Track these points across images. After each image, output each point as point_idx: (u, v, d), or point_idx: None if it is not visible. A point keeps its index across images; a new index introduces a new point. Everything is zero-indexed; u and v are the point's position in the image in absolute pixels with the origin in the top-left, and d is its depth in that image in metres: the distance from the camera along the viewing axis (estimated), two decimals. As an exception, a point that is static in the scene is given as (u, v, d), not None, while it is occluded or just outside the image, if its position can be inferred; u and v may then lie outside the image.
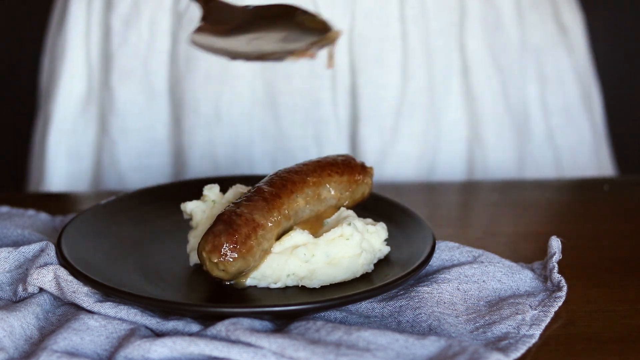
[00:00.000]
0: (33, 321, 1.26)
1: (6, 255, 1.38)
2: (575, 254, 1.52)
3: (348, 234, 1.38)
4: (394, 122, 1.98)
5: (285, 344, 1.17)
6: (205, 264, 1.32)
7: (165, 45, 2.00)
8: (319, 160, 1.47)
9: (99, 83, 2.07)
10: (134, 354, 1.18)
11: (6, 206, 1.67)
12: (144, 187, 1.62)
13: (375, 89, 1.95)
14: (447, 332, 1.24)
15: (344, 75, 1.96)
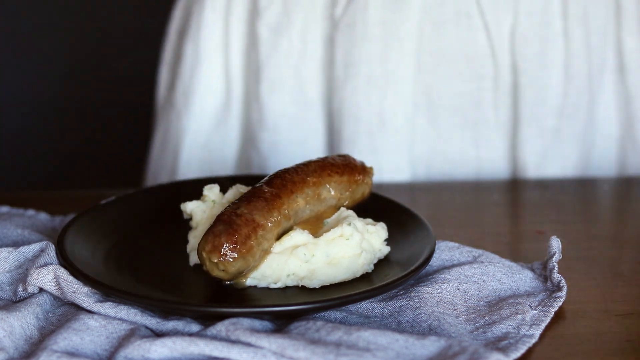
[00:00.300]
0: (33, 321, 1.26)
1: (6, 255, 1.38)
2: (575, 254, 1.52)
3: (348, 234, 1.38)
4: (556, 124, 1.95)
5: (285, 344, 1.17)
6: (205, 264, 1.32)
7: (319, 52, 1.95)
8: (318, 160, 1.47)
9: (243, 94, 2.02)
10: (134, 354, 1.18)
11: (6, 206, 1.67)
12: (144, 187, 1.62)
13: (538, 89, 1.92)
14: (447, 332, 1.24)
15: (506, 76, 1.93)
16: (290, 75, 1.96)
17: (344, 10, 1.91)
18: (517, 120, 1.95)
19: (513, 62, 1.92)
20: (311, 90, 1.96)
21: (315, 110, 1.98)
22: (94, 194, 1.85)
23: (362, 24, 1.89)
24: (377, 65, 1.91)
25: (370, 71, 1.91)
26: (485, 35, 1.89)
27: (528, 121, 1.94)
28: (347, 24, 1.91)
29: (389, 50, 1.90)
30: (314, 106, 1.98)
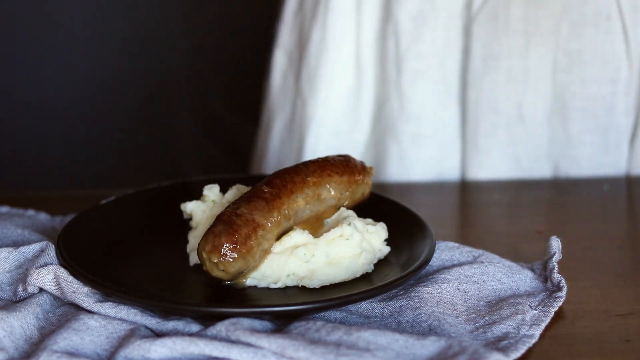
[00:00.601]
0: (33, 321, 1.26)
1: (6, 255, 1.38)
2: (576, 254, 1.52)
3: (348, 234, 1.38)
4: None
5: (285, 344, 1.17)
6: (205, 264, 1.32)
7: (459, 43, 1.94)
8: (318, 160, 1.47)
9: (377, 83, 2.00)
10: (134, 354, 1.18)
11: (6, 206, 1.67)
12: (144, 187, 1.62)
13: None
14: (447, 332, 1.24)
15: (636, 79, 1.92)
16: (433, 65, 1.95)
17: (483, 3, 1.90)
18: (637, 125, 1.95)
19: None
20: (452, 80, 1.95)
21: (454, 100, 1.97)
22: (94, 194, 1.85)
23: (503, 18, 1.89)
24: (518, 59, 1.91)
25: (510, 65, 1.91)
26: (623, 38, 1.89)
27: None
28: (486, 17, 1.90)
29: (530, 45, 1.90)
30: (453, 96, 1.97)
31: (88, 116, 3.14)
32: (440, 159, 1.99)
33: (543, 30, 1.89)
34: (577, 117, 1.93)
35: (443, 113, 1.97)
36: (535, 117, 1.93)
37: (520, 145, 1.95)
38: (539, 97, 1.92)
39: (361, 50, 1.99)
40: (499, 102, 1.93)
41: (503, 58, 1.91)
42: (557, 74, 1.92)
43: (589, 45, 1.90)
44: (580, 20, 1.89)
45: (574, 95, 1.92)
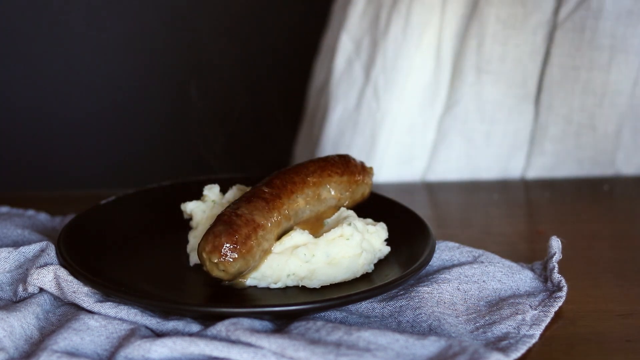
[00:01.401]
0: (33, 321, 1.26)
1: (6, 255, 1.38)
2: (575, 254, 1.52)
3: (348, 234, 1.38)
4: None
5: (285, 344, 1.17)
6: (206, 264, 1.32)
7: (542, 48, 1.93)
8: (318, 160, 1.47)
9: (451, 80, 1.98)
10: (134, 354, 1.18)
11: (6, 206, 1.67)
12: (144, 187, 1.62)
13: None
14: (447, 332, 1.24)
15: None
16: (516, 68, 1.93)
17: (570, 13, 1.90)
18: None
19: None
20: (531, 84, 1.94)
21: (529, 103, 1.96)
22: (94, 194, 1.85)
23: (591, 31, 1.88)
24: (598, 73, 1.90)
25: (590, 78, 1.91)
26: None
27: None
28: (572, 27, 1.90)
29: (614, 61, 1.90)
30: (530, 99, 1.95)
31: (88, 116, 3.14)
32: (507, 160, 1.98)
33: (629, 50, 1.89)
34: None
35: (518, 115, 1.96)
36: (607, 128, 1.94)
37: (586, 150, 1.95)
38: (614, 111, 1.93)
39: (442, 46, 1.96)
40: (572, 111, 1.93)
41: (583, 70, 1.91)
42: (636, 89, 1.92)
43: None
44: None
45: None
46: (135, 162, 3.12)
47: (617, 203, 1.85)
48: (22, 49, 3.06)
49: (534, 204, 1.85)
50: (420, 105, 1.99)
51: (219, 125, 3.16)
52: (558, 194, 1.91)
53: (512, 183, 1.96)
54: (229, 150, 3.11)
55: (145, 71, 3.08)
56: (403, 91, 1.97)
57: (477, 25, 1.93)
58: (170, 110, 3.13)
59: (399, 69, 1.97)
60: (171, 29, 3.04)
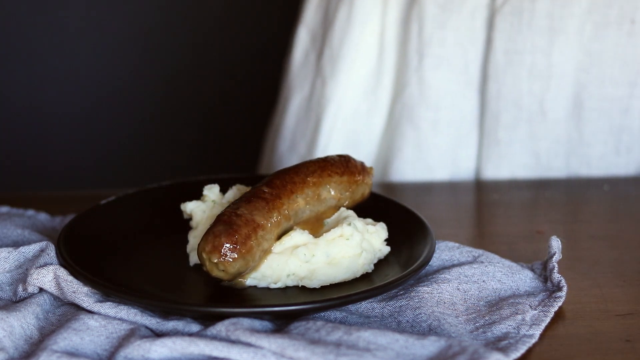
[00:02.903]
0: (33, 321, 1.26)
1: (6, 255, 1.38)
2: (575, 254, 1.52)
3: (348, 234, 1.38)
4: None
5: (285, 344, 1.17)
6: (205, 264, 1.32)
7: (482, 33, 1.94)
8: (318, 160, 1.47)
9: (397, 67, 1.99)
10: (134, 354, 1.18)
11: (6, 206, 1.67)
12: (144, 187, 1.62)
13: None
14: (447, 332, 1.24)
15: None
16: (456, 53, 1.94)
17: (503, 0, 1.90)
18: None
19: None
20: (473, 70, 1.95)
21: (474, 90, 1.97)
22: (94, 194, 1.85)
23: (528, 12, 1.89)
24: (541, 56, 1.91)
25: (534, 61, 1.91)
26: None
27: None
28: (511, 10, 1.90)
29: (554, 42, 1.90)
30: (473, 85, 1.96)
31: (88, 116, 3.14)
32: (456, 148, 1.99)
33: (567, 29, 1.89)
34: (592, 116, 1.93)
35: (462, 102, 1.97)
36: (556, 114, 1.94)
37: (540, 140, 1.95)
38: (561, 95, 1.93)
39: (385, 33, 1.98)
40: (521, 96, 1.93)
41: (527, 53, 1.91)
42: (578, 73, 1.92)
43: (610, 47, 1.90)
44: (604, 22, 1.89)
45: (591, 95, 1.92)
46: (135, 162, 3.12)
47: (617, 203, 1.85)
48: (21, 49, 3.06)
49: (534, 204, 1.85)
50: (364, 91, 2.01)
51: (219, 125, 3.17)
52: (558, 193, 1.91)
53: (512, 183, 1.96)
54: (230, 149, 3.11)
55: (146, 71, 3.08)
56: (348, 78, 1.99)
57: (417, 9, 1.94)
58: (170, 110, 3.13)
59: (343, 57, 1.99)
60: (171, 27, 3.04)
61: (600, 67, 1.91)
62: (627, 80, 1.91)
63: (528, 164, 1.96)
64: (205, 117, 3.15)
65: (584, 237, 1.64)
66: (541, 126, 1.94)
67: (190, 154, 3.17)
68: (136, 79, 3.10)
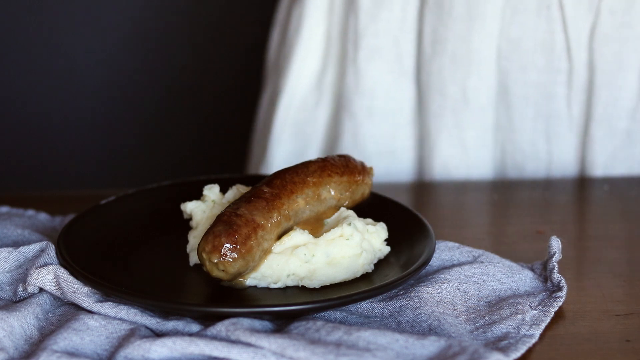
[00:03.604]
0: (33, 321, 1.26)
1: (6, 255, 1.38)
2: (575, 254, 1.52)
3: (348, 234, 1.38)
4: (628, 126, 1.94)
5: (285, 344, 1.17)
6: (205, 265, 1.32)
7: (414, 24, 1.98)
8: (318, 160, 1.47)
9: (339, 59, 2.04)
10: (134, 354, 1.18)
11: (6, 206, 1.67)
12: (144, 187, 1.62)
13: (613, 90, 1.92)
14: (447, 332, 1.24)
15: (581, 72, 1.93)
16: (389, 44, 1.98)
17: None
18: (589, 118, 1.95)
19: (590, 60, 1.92)
20: (407, 61, 1.99)
21: (408, 81, 2.00)
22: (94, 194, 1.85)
23: (448, 2, 1.92)
24: (461, 44, 1.93)
25: (455, 49, 1.94)
26: (563, 29, 1.90)
27: (599, 120, 1.94)
28: (435, 1, 1.93)
29: (472, 30, 1.92)
30: (408, 76, 2.00)
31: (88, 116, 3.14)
32: (393, 139, 2.03)
33: (485, 16, 1.91)
34: (518, 103, 1.96)
35: (397, 92, 2.01)
36: (479, 101, 1.96)
37: (466, 129, 1.98)
38: (483, 82, 1.95)
39: (332, 27, 2.05)
40: (445, 85, 1.96)
41: (449, 42, 1.94)
42: (501, 60, 1.94)
43: (530, 33, 1.92)
44: (523, 8, 1.91)
45: (515, 81, 1.95)
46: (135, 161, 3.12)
47: (617, 203, 1.85)
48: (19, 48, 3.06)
49: (534, 204, 1.85)
50: (313, 84, 2.06)
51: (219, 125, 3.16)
52: (558, 193, 1.91)
53: (512, 183, 1.96)
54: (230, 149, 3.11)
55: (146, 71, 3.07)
56: (299, 72, 2.06)
57: (354, 3, 1.99)
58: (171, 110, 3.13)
59: (296, 53, 2.05)
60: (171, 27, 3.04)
61: (521, 54, 1.93)
62: (549, 67, 1.93)
63: (455, 153, 1.98)
64: (205, 117, 3.15)
65: (584, 237, 1.64)
66: (466, 114, 1.97)
67: (190, 154, 3.17)
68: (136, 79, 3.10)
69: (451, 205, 1.89)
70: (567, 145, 1.97)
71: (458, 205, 1.88)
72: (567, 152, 1.97)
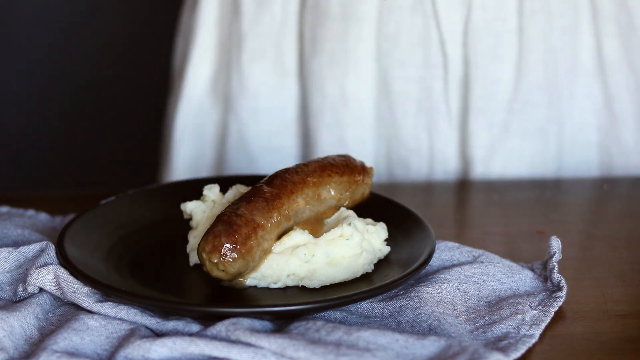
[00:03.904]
0: (33, 321, 1.26)
1: (6, 255, 1.38)
2: (576, 254, 1.52)
3: (348, 234, 1.38)
4: (505, 118, 1.96)
5: (285, 344, 1.17)
6: (205, 265, 1.32)
7: (295, 25, 2.01)
8: (318, 160, 1.47)
9: (227, 63, 2.07)
10: (134, 354, 1.18)
11: (6, 206, 1.67)
12: (144, 187, 1.62)
13: (488, 82, 1.95)
14: (447, 332, 1.24)
15: (457, 67, 1.95)
16: (271, 45, 2.01)
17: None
18: (466, 111, 1.97)
19: (465, 54, 1.95)
20: (289, 61, 2.02)
21: (291, 81, 2.04)
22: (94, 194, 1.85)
23: (325, 2, 1.95)
24: (338, 43, 1.96)
25: (332, 48, 1.97)
26: (436, 24, 1.93)
27: (477, 113, 1.96)
28: (313, 1, 1.97)
29: (349, 30, 1.95)
30: (291, 76, 2.03)
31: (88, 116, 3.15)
32: (277, 137, 2.06)
33: (361, 15, 1.94)
34: (400, 99, 1.98)
35: (280, 92, 2.04)
36: (358, 99, 1.98)
37: (345, 126, 2.01)
38: (361, 80, 1.97)
39: (222, 34, 2.08)
40: (325, 84, 1.99)
41: (327, 42, 1.97)
42: (381, 58, 1.97)
43: (406, 30, 1.94)
44: (398, 5, 1.94)
45: (396, 78, 1.97)
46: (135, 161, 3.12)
47: (617, 203, 1.85)
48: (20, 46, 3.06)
49: (534, 204, 1.85)
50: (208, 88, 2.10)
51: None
52: (558, 193, 1.91)
53: (512, 183, 1.96)
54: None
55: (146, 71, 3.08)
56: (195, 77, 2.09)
57: (236, 6, 2.03)
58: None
59: (192, 58, 2.09)
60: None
61: (399, 50, 1.95)
62: (425, 61, 1.95)
63: (335, 151, 1.99)
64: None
65: (584, 237, 1.64)
66: (345, 112, 1.99)
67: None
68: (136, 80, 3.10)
69: (451, 205, 1.89)
70: (448, 139, 1.99)
71: (458, 205, 1.88)
72: (449, 146, 1.99)
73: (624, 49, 1.97)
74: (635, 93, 1.99)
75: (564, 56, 1.95)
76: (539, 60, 1.94)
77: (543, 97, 1.96)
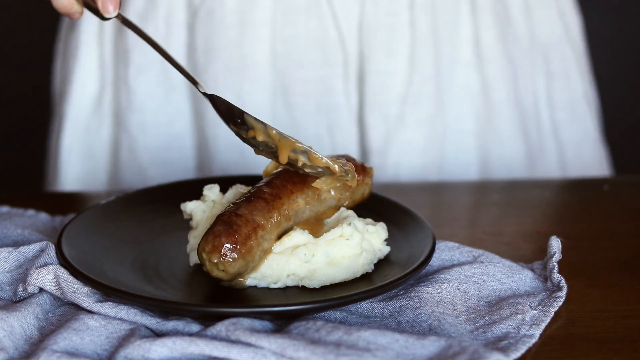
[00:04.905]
0: (33, 321, 1.26)
1: (6, 255, 1.38)
2: (575, 254, 1.52)
3: (348, 234, 1.38)
4: (400, 110, 1.99)
5: (285, 344, 1.17)
6: (205, 265, 1.32)
7: (182, 38, 2.02)
8: (319, 160, 1.47)
9: (114, 80, 2.08)
10: (134, 354, 1.18)
11: (6, 206, 1.67)
12: (144, 187, 1.63)
13: (382, 76, 1.98)
14: (447, 332, 1.24)
15: (354, 63, 1.98)
16: (156, 59, 2.02)
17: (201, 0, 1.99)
18: (363, 105, 2.00)
19: (361, 50, 1.97)
20: (176, 74, 2.02)
21: (180, 93, 2.05)
22: (94, 194, 1.86)
23: (219, 11, 1.97)
24: (234, 51, 1.97)
25: (228, 57, 1.98)
26: (334, 23, 1.95)
27: (373, 107, 1.99)
28: (206, 11, 1.98)
29: (245, 36, 1.97)
30: (179, 89, 2.05)
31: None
32: (167, 149, 2.07)
33: (256, 21, 1.96)
34: (299, 100, 2.00)
35: (168, 105, 2.06)
36: (253, 104, 1.99)
37: None
38: (258, 85, 1.99)
39: (104, 53, 2.09)
40: (220, 93, 1.99)
41: (221, 50, 1.98)
42: (277, 62, 1.98)
43: (303, 32, 1.96)
44: (293, 8, 1.95)
45: (294, 80, 1.99)
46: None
47: (617, 203, 1.85)
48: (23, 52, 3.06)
49: (534, 204, 1.85)
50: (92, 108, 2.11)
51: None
52: (558, 193, 1.91)
53: (512, 183, 1.96)
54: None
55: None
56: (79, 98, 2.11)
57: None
58: None
59: (74, 79, 2.11)
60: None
61: (297, 52, 1.97)
62: (325, 61, 1.97)
63: (234, 159, 2.02)
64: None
65: (584, 237, 1.64)
66: None
67: None
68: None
69: (451, 205, 1.88)
70: (348, 135, 2.01)
71: (458, 205, 1.88)
72: (349, 142, 2.02)
73: (500, 41, 2.02)
74: (511, 83, 2.04)
75: (446, 48, 1.99)
76: (429, 53, 1.97)
77: (431, 88, 1.99)
